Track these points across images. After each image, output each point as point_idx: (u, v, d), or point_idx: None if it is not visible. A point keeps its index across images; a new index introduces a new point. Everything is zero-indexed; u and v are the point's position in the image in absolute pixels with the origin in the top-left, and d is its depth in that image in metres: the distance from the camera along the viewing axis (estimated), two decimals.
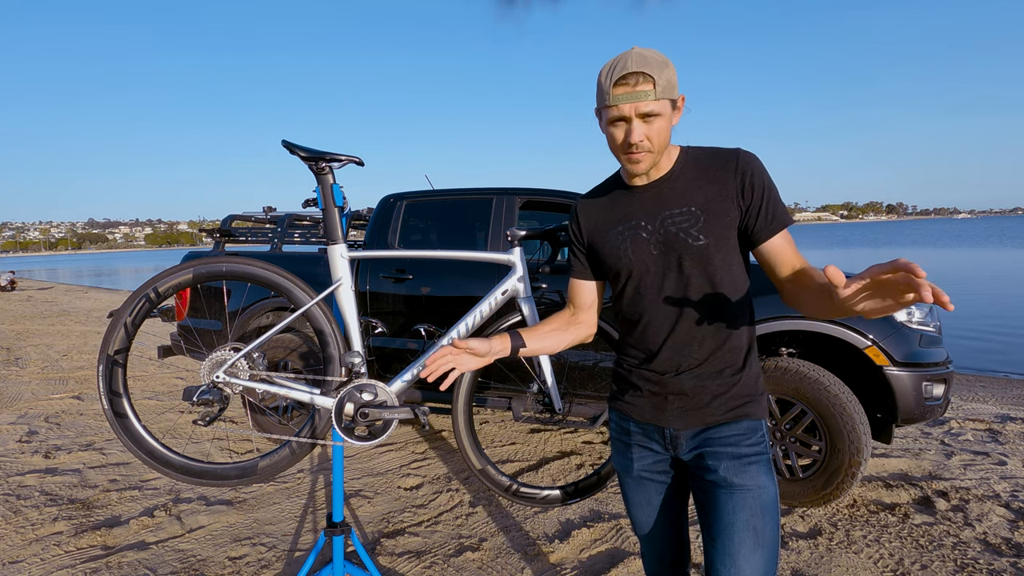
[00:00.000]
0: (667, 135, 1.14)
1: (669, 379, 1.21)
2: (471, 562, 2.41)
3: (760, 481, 1.16)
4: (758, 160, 1.17)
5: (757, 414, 1.20)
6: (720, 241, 1.15)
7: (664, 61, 1.10)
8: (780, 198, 1.16)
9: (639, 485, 1.32)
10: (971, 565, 2.30)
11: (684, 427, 1.21)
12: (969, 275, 18.26)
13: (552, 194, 3.43)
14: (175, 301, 4.21)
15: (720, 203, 1.15)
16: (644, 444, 1.29)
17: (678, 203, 1.17)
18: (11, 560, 2.41)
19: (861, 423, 2.65)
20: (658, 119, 1.11)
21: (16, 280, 21.09)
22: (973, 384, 6.09)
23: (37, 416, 4.55)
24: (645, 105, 1.09)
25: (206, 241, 5.71)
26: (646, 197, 1.21)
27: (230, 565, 2.38)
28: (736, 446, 1.18)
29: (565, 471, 3.35)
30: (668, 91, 1.10)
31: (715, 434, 1.19)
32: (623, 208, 1.25)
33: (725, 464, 1.17)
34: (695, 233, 1.15)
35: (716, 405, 1.19)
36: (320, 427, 1.68)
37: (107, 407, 1.61)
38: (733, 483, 1.16)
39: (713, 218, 1.15)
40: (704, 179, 1.17)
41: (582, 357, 3.15)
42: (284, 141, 1.66)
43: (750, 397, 1.20)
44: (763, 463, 1.18)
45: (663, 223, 1.18)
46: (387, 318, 3.54)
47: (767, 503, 1.15)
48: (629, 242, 1.22)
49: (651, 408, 1.25)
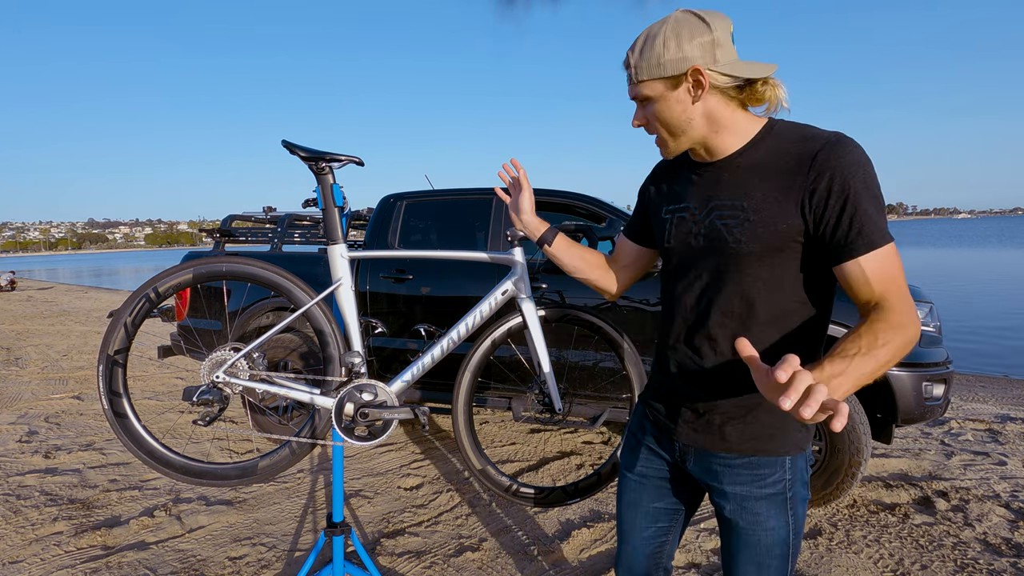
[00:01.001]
0: (676, 117, 0.99)
1: (682, 388, 1.09)
2: (471, 562, 2.41)
3: (768, 525, 1.04)
4: (854, 155, 0.90)
5: (778, 450, 1.02)
6: (769, 252, 0.95)
7: (648, 36, 0.97)
8: (875, 208, 0.89)
9: (638, 484, 1.22)
10: (971, 565, 2.30)
11: (691, 444, 1.10)
12: (969, 275, 18.26)
13: (552, 194, 3.43)
14: (175, 301, 4.21)
15: (779, 205, 0.93)
16: (654, 448, 1.20)
17: (731, 192, 0.99)
18: (11, 560, 2.41)
19: (861, 423, 2.65)
20: (654, 102, 0.99)
21: (16, 280, 21.09)
22: (973, 384, 6.09)
23: (37, 416, 4.55)
24: (631, 90, 1.02)
25: (206, 241, 5.71)
26: (705, 178, 1.04)
27: (230, 565, 2.38)
28: (745, 486, 1.04)
29: (565, 471, 3.35)
30: (652, 70, 0.96)
31: (722, 465, 1.06)
32: (680, 186, 1.10)
33: (731, 507, 1.06)
34: (738, 234, 0.96)
35: (729, 430, 1.04)
36: (320, 427, 1.68)
37: (107, 407, 1.60)
38: (738, 524, 1.06)
39: (765, 221, 0.94)
40: (774, 168, 0.95)
41: (582, 357, 3.15)
42: (284, 141, 1.66)
43: (773, 429, 1.02)
44: (776, 504, 1.04)
45: (710, 213, 1.01)
46: (387, 318, 3.54)
47: (774, 543, 1.05)
48: (674, 226, 1.09)
49: (666, 415, 1.14)
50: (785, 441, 1.03)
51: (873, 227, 0.89)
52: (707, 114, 0.98)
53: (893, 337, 0.85)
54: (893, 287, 0.89)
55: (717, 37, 0.94)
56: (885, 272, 0.89)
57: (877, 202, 0.89)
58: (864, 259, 0.89)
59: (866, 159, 0.91)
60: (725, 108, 0.98)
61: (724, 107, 0.98)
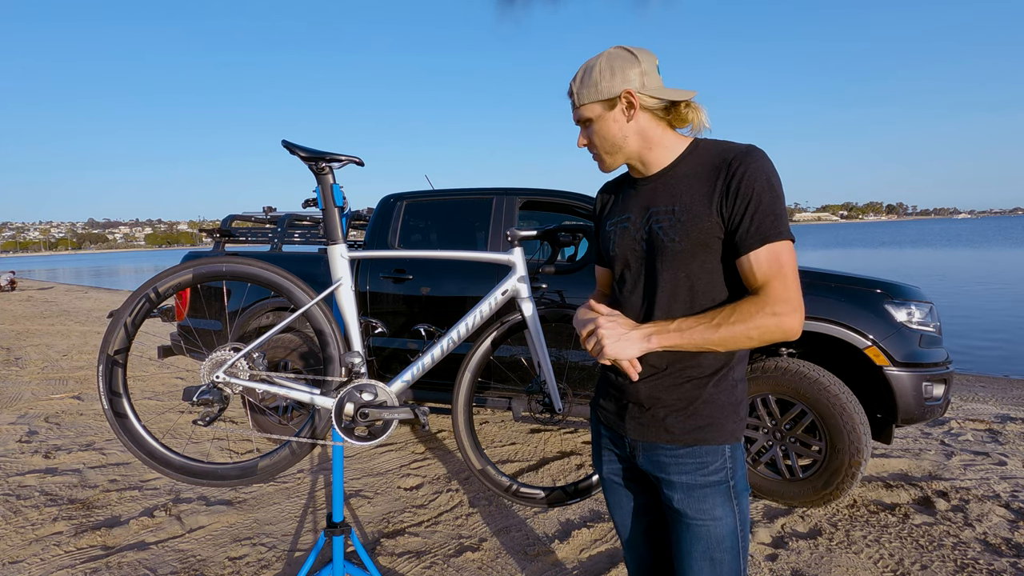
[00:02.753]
0: (613, 135, 1.13)
1: (627, 384, 1.17)
2: (471, 562, 2.41)
3: (716, 514, 1.11)
4: (760, 162, 1.04)
5: (718, 439, 1.11)
6: (697, 247, 1.08)
7: (587, 68, 1.13)
8: (775, 209, 1.02)
9: (611, 488, 1.31)
10: (971, 565, 2.30)
11: (639, 438, 1.18)
12: (969, 275, 18.26)
13: (552, 194, 3.43)
14: (175, 301, 4.21)
15: (702, 206, 1.07)
16: (611, 448, 1.29)
17: (665, 200, 1.12)
18: (11, 560, 2.41)
19: (861, 423, 2.66)
20: (594, 123, 1.14)
21: (16, 280, 21.09)
22: (973, 384, 6.09)
23: (37, 416, 4.55)
24: (575, 114, 1.17)
25: (206, 241, 5.71)
26: (643, 191, 1.18)
27: (230, 565, 2.38)
28: (691, 474, 1.12)
29: (565, 471, 3.35)
30: (591, 95, 1.12)
31: (669, 456, 1.14)
32: (623, 201, 1.23)
33: (679, 496, 1.13)
34: (672, 234, 1.09)
35: (671, 422, 1.12)
36: (320, 427, 1.68)
37: (107, 407, 1.60)
38: (687, 514, 1.12)
39: (692, 221, 1.07)
40: (697, 178, 1.10)
41: (582, 357, 3.15)
42: (284, 141, 1.66)
43: (712, 420, 1.11)
44: (720, 493, 1.11)
45: (648, 221, 1.14)
46: (387, 318, 3.54)
47: (724, 534, 1.11)
48: (618, 236, 1.20)
49: (615, 414, 1.23)
50: (723, 430, 1.12)
51: (770, 225, 1.02)
52: (640, 132, 1.13)
53: (757, 318, 1.00)
54: (778, 279, 1.01)
55: (644, 68, 1.10)
56: (772, 265, 1.01)
57: (777, 204, 1.03)
58: (755, 253, 1.02)
59: (771, 167, 1.05)
60: (655, 127, 1.13)
61: (654, 126, 1.13)
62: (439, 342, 1.78)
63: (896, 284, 2.93)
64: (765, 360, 2.86)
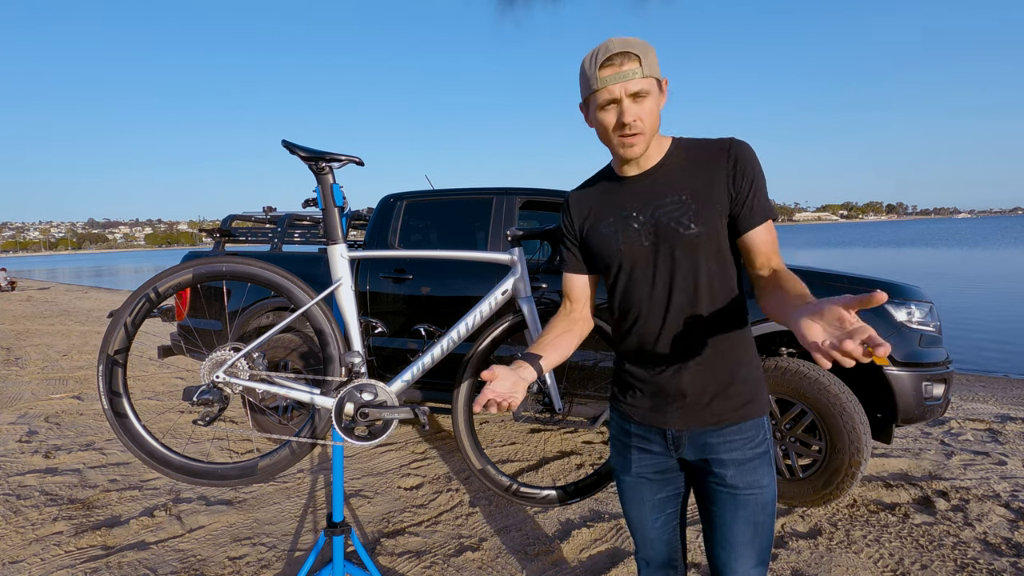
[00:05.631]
0: (657, 117, 1.13)
1: (667, 378, 1.18)
2: (471, 562, 2.41)
3: (764, 482, 1.18)
4: (750, 149, 1.14)
5: (759, 412, 1.19)
6: (711, 229, 1.13)
7: (645, 43, 1.10)
8: (766, 190, 1.14)
9: (636, 483, 1.30)
10: (971, 565, 2.30)
11: (685, 427, 1.19)
12: (969, 275, 18.26)
13: (552, 194, 3.43)
14: (175, 301, 4.21)
15: (711, 190, 1.13)
16: (644, 447, 1.27)
17: (670, 192, 1.15)
18: (11, 560, 2.41)
19: (861, 423, 2.65)
20: (647, 99, 1.09)
21: (15, 280, 21.09)
22: (973, 384, 6.10)
23: (37, 416, 4.55)
24: (634, 84, 1.07)
25: (206, 241, 5.71)
26: (638, 187, 1.19)
27: (230, 565, 2.38)
28: (740, 450, 1.17)
29: (565, 471, 3.35)
30: (653, 70, 1.09)
31: (718, 438, 1.18)
32: (615, 199, 1.22)
33: (732, 472, 1.17)
34: (686, 222, 1.13)
35: (717, 405, 1.17)
36: (320, 427, 1.68)
37: (107, 407, 1.61)
38: (738, 487, 1.17)
39: (705, 205, 1.12)
40: (696, 167, 1.15)
41: (582, 357, 3.15)
42: (284, 141, 1.66)
43: (752, 395, 1.18)
44: (765, 462, 1.19)
45: (654, 213, 1.16)
46: (387, 318, 3.54)
47: (768, 500, 1.18)
48: (621, 233, 1.20)
49: (651, 410, 1.23)
50: (760, 402, 1.20)
51: (766, 204, 1.13)
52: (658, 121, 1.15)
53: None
54: (777, 254, 1.14)
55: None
56: (772, 240, 1.13)
57: (765, 187, 1.15)
58: (758, 229, 1.12)
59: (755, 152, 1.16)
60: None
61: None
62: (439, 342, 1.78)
63: (896, 284, 2.93)
64: (765, 360, 2.86)
